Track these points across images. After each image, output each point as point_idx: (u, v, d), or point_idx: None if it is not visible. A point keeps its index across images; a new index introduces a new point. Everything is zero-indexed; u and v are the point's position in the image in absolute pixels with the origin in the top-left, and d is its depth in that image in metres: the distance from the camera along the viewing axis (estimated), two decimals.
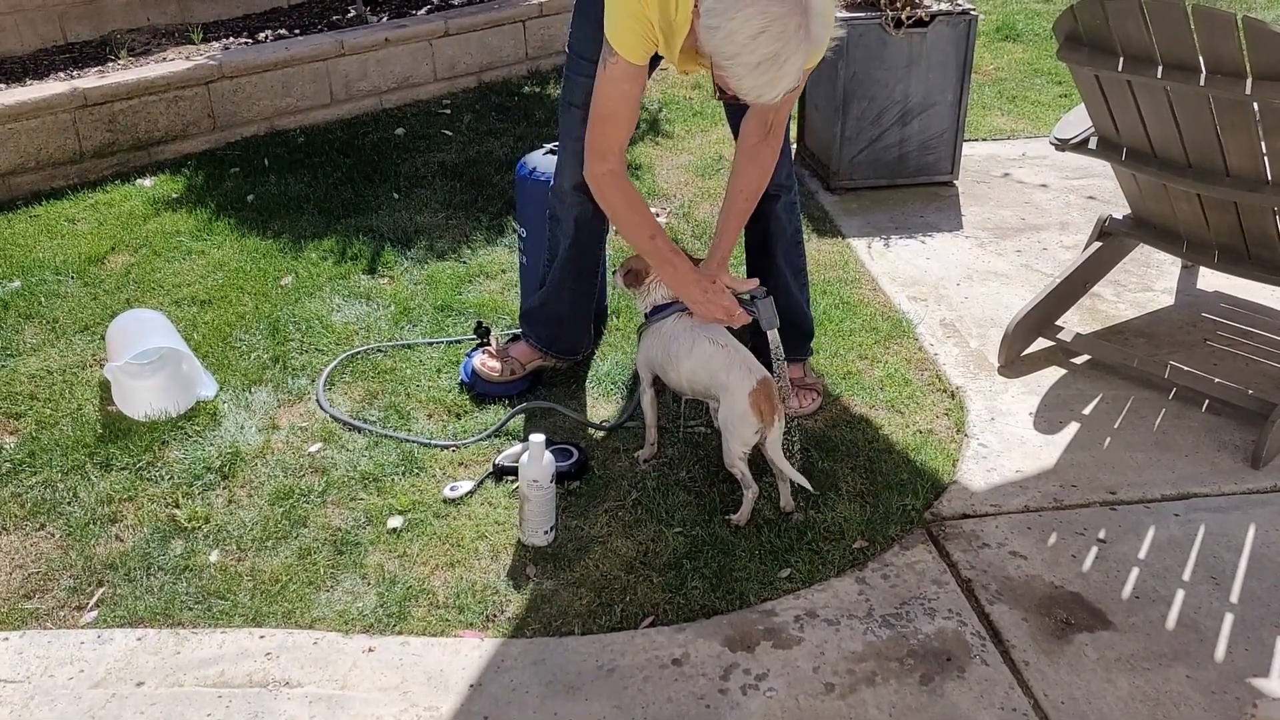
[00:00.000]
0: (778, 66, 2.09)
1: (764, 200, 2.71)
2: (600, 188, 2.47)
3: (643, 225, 2.50)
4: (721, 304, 2.49)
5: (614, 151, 2.42)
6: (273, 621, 2.26)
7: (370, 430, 2.80)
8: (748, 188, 2.58)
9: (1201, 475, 2.68)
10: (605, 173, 2.44)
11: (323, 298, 3.40)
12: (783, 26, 2.05)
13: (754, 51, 2.06)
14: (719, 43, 2.09)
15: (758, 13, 2.04)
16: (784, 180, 2.78)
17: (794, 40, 2.06)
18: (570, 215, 2.80)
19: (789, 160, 2.81)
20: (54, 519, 2.52)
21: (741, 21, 2.05)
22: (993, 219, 4.01)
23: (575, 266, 2.88)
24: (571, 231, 2.82)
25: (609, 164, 2.43)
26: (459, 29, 5.07)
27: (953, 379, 3.05)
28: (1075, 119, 3.09)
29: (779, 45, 2.06)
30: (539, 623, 2.26)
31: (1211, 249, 2.99)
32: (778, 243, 2.84)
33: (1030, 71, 5.49)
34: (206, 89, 4.47)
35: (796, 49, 2.07)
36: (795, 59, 2.09)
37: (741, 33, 2.06)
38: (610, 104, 2.38)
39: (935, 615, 2.27)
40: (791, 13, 2.05)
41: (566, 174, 2.75)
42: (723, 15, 2.06)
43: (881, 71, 4.01)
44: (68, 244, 3.73)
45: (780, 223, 2.83)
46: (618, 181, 2.45)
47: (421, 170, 4.31)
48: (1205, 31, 2.48)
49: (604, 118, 2.40)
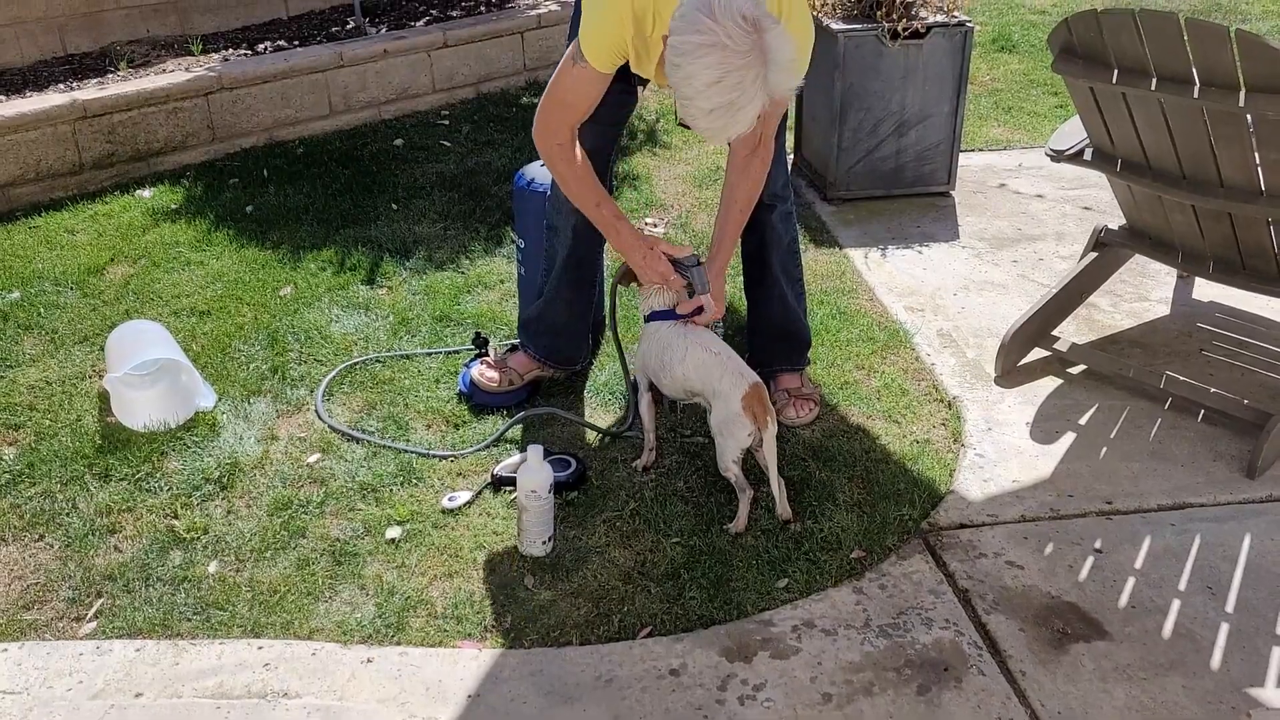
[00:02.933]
0: (731, 114, 2.11)
1: (759, 210, 2.72)
2: (550, 159, 2.53)
3: (588, 193, 2.56)
4: (657, 269, 2.57)
5: (569, 127, 2.48)
6: (271, 632, 2.26)
7: (369, 441, 2.81)
8: (741, 199, 2.61)
9: (1197, 485, 2.69)
10: (555, 146, 2.50)
11: (321, 308, 3.41)
12: (739, 78, 2.07)
13: (709, 98, 2.09)
14: (678, 81, 2.12)
15: (716, 62, 2.06)
16: (779, 190, 2.80)
17: (750, 90, 2.08)
18: (569, 225, 2.82)
19: (785, 171, 2.83)
20: (53, 530, 2.53)
21: (700, 67, 2.07)
22: (989, 229, 4.03)
23: (573, 276, 2.90)
24: (569, 241, 2.84)
25: (562, 136, 2.49)
26: (457, 40, 5.10)
27: (949, 389, 3.06)
28: (1070, 130, 3.11)
29: (735, 95, 2.08)
30: (537, 633, 2.26)
31: (1206, 259, 3.00)
32: (774, 252, 2.86)
33: (1026, 82, 5.51)
34: (206, 100, 4.48)
35: (752, 99, 2.10)
36: (751, 107, 2.11)
37: (699, 78, 2.08)
38: (572, 97, 2.45)
39: (932, 625, 2.28)
40: (750, 64, 2.06)
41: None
42: (684, 56, 2.08)
43: (878, 83, 4.02)
44: (67, 255, 3.74)
45: (776, 232, 2.84)
46: (566, 154, 2.50)
47: (420, 181, 4.32)
48: (1198, 44, 2.50)
49: (562, 105, 2.46)
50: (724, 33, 2.04)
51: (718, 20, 2.05)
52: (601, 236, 2.87)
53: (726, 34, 2.04)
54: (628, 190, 4.25)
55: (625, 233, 2.57)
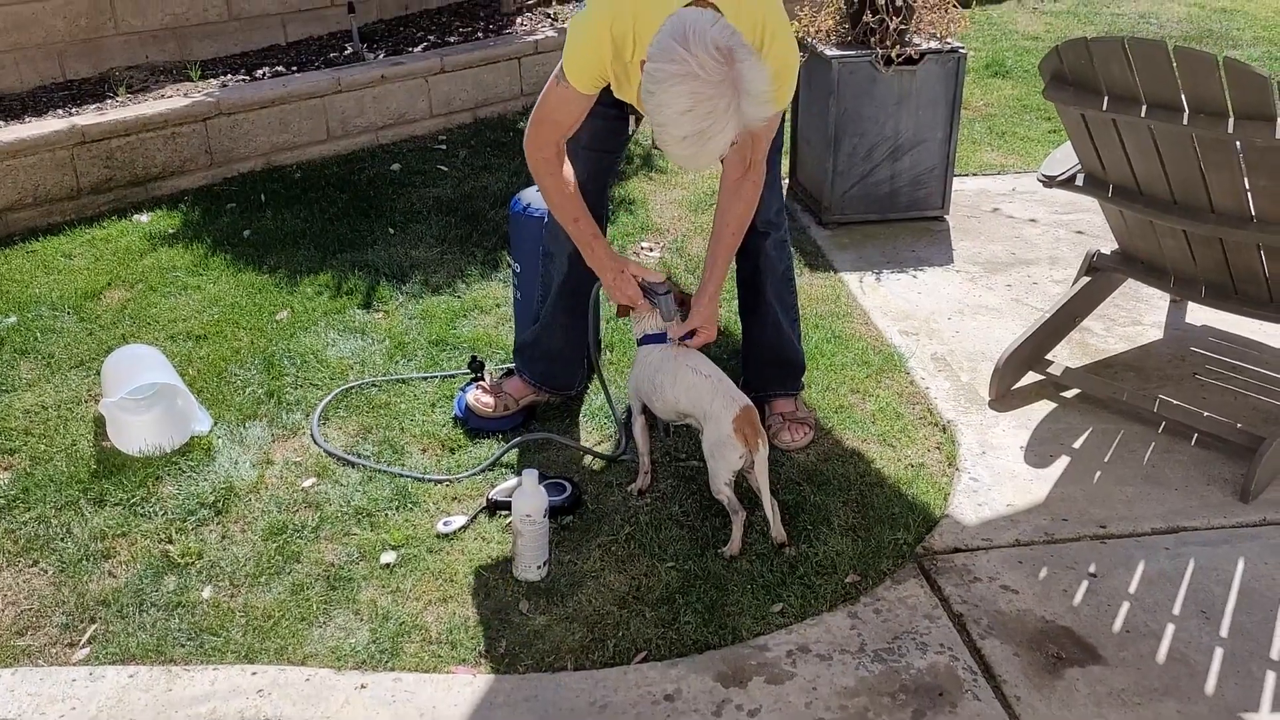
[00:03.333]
0: (702, 143, 2.14)
1: (754, 238, 2.74)
2: (536, 171, 2.57)
3: (568, 208, 2.59)
4: (625, 291, 2.60)
5: (554, 142, 2.52)
6: (265, 658, 2.26)
7: (364, 465, 2.81)
8: (733, 222, 2.62)
9: (1191, 509, 2.69)
10: (541, 159, 2.54)
11: (318, 332, 3.42)
12: (710, 107, 2.09)
13: (680, 126, 2.12)
14: (651, 108, 2.15)
15: (688, 91, 2.08)
16: (773, 218, 2.82)
17: (721, 119, 2.10)
18: (564, 251, 2.83)
19: (779, 198, 2.85)
20: (47, 555, 2.53)
21: (672, 96, 2.09)
22: (983, 254, 4.05)
23: (568, 303, 2.91)
24: (565, 268, 2.85)
25: (547, 150, 2.53)
26: (454, 66, 5.13)
27: (944, 413, 3.07)
28: (1062, 156, 3.13)
29: (706, 124, 2.10)
30: (531, 659, 2.26)
31: (1198, 284, 3.02)
32: (768, 280, 2.88)
33: (1020, 107, 5.55)
34: (204, 125, 4.51)
35: (724, 128, 2.12)
36: (722, 136, 2.14)
37: (671, 106, 2.10)
38: (557, 114, 2.49)
39: (927, 650, 2.28)
40: (722, 94, 2.08)
41: None
42: (658, 84, 2.11)
43: (872, 108, 4.05)
44: (64, 280, 3.75)
45: (770, 260, 2.86)
46: (551, 167, 2.54)
47: (417, 205, 4.34)
48: (1187, 72, 2.52)
49: (548, 121, 2.51)
50: (697, 63, 2.06)
51: (691, 50, 2.07)
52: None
53: (699, 64, 2.06)
54: (623, 214, 4.27)
55: (599, 251, 2.60)
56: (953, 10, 4.07)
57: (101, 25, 5.00)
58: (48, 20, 4.86)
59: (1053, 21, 7.13)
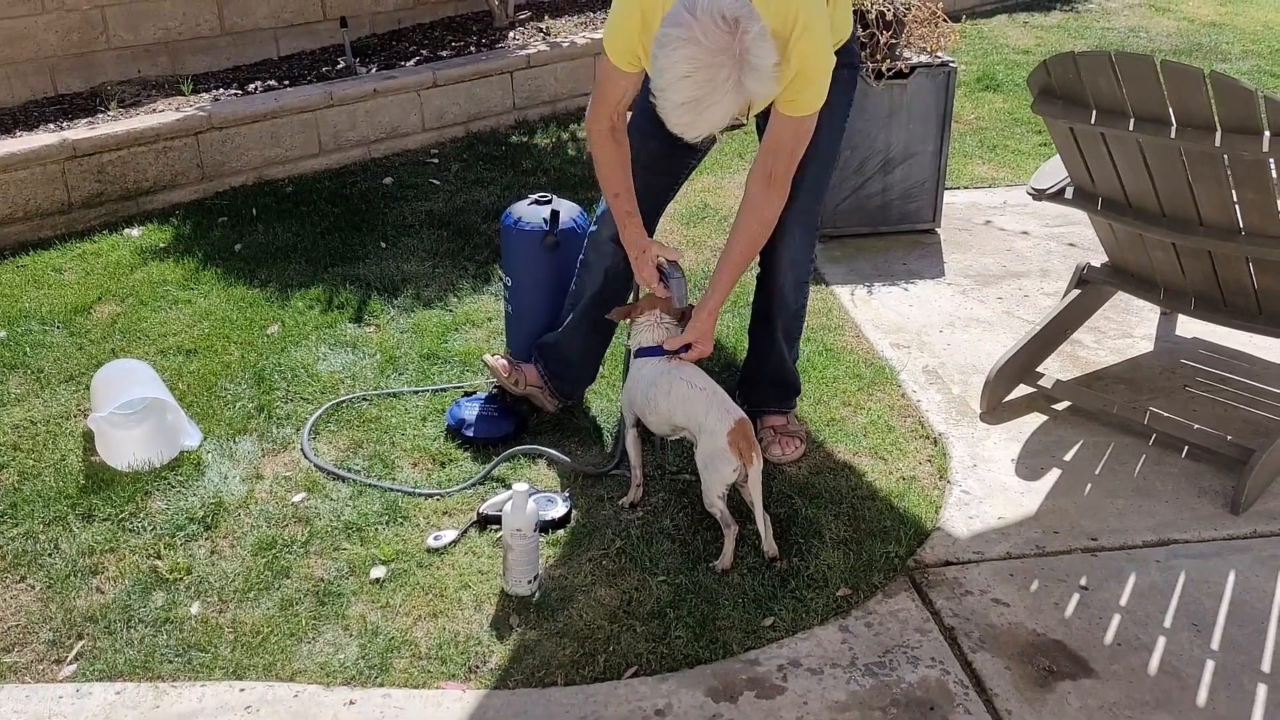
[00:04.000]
0: (699, 111, 2.16)
1: (778, 269, 2.77)
2: (590, 139, 2.65)
3: (611, 181, 2.65)
4: (642, 273, 2.65)
5: (606, 116, 2.58)
6: (253, 674, 2.25)
7: (354, 479, 2.81)
8: (744, 241, 2.61)
9: (1182, 521, 2.69)
10: (598, 130, 2.61)
11: (309, 346, 3.41)
12: (710, 75, 2.11)
13: (679, 92, 2.15)
14: (654, 72, 2.18)
15: (688, 56, 2.11)
16: (801, 258, 2.80)
17: (720, 90, 2.12)
18: (602, 265, 2.84)
19: (812, 239, 2.82)
20: (34, 571, 2.51)
21: (672, 60, 2.13)
22: (975, 266, 4.06)
23: (594, 316, 2.90)
24: (599, 282, 2.86)
25: (601, 124, 2.60)
26: (447, 80, 5.14)
27: (935, 425, 3.07)
28: (1051, 169, 3.14)
29: (703, 92, 2.12)
30: (522, 674, 2.25)
31: (1188, 296, 3.03)
32: (779, 315, 2.88)
33: (1010, 121, 5.57)
34: (195, 139, 4.51)
35: (721, 98, 2.14)
36: (719, 106, 2.15)
37: (670, 71, 2.13)
38: (604, 87, 2.58)
39: (918, 664, 2.27)
40: (722, 64, 2.10)
41: (607, 223, 2.79)
42: (662, 48, 2.14)
43: (863, 122, 4.07)
44: (54, 294, 3.74)
45: (786, 300, 2.85)
46: (602, 139, 2.61)
47: (409, 219, 4.34)
48: (1174, 86, 2.54)
49: (598, 94, 2.60)
50: (700, 29, 2.09)
51: (697, 16, 2.10)
52: (626, 286, 2.88)
53: (702, 30, 2.09)
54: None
55: (630, 229, 2.65)
56: (943, 24, 4.09)
57: (93, 39, 5.01)
58: (39, 34, 4.86)
59: (1043, 35, 7.16)
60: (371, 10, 5.81)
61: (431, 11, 6.08)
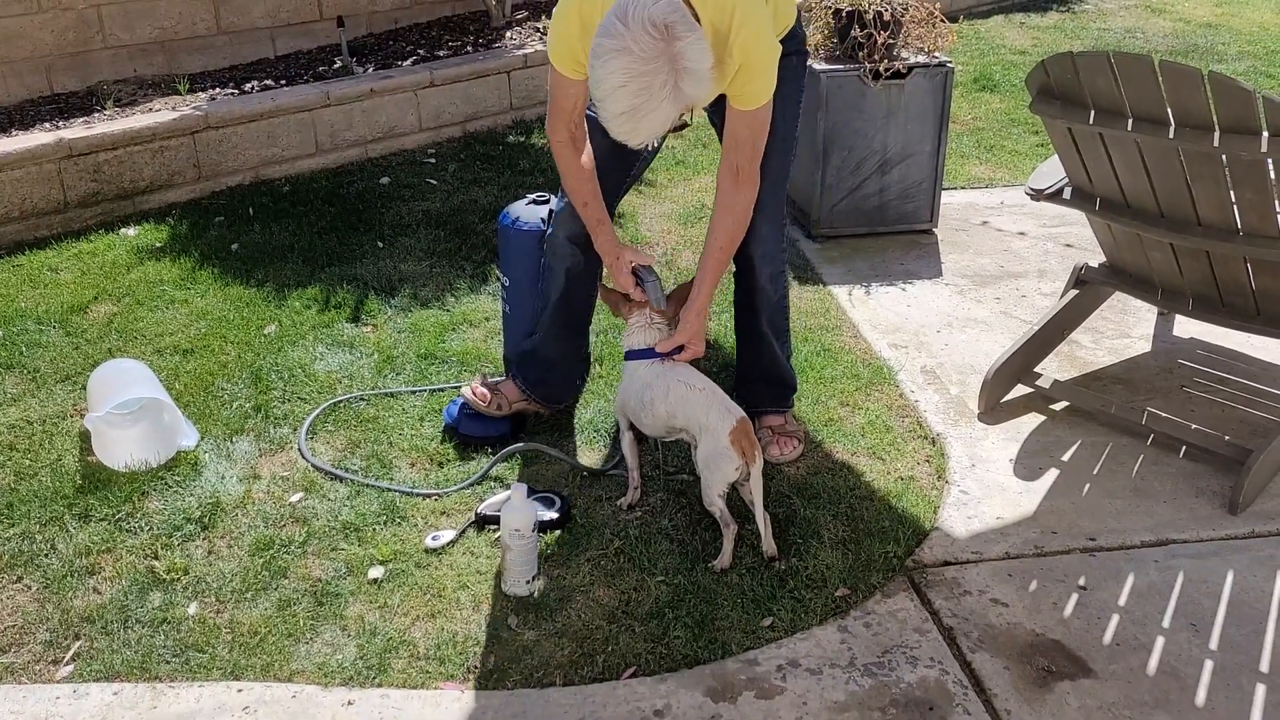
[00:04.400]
0: (637, 119, 2.16)
1: (752, 266, 2.76)
2: (554, 149, 2.63)
3: (578, 191, 2.65)
4: (618, 280, 2.65)
5: (563, 125, 2.56)
6: (251, 674, 2.24)
7: (352, 480, 2.80)
8: (722, 237, 2.60)
9: (1180, 521, 2.69)
10: (558, 140, 2.59)
11: (306, 346, 3.40)
12: (645, 84, 2.10)
13: (616, 101, 2.14)
14: (591, 83, 2.19)
15: (622, 66, 2.10)
16: (773, 250, 2.80)
17: (657, 97, 2.12)
18: (562, 266, 2.83)
19: (781, 229, 2.82)
20: (31, 571, 2.50)
21: (607, 71, 2.12)
22: (972, 266, 4.06)
23: (563, 317, 2.91)
24: (562, 283, 2.85)
25: (560, 134, 2.58)
26: (444, 80, 5.13)
27: (933, 426, 3.07)
28: (1049, 169, 3.14)
29: (640, 100, 2.12)
30: (520, 674, 2.24)
31: (1186, 296, 3.03)
32: (762, 309, 2.87)
33: (1007, 121, 5.57)
34: (192, 139, 4.50)
35: (659, 105, 2.13)
36: (658, 113, 2.15)
37: (606, 82, 2.13)
38: (556, 96, 2.55)
39: (917, 664, 2.27)
40: (657, 70, 2.09)
41: (562, 224, 2.80)
42: (597, 58, 2.13)
43: (861, 122, 4.07)
44: (50, 293, 3.73)
45: (765, 293, 2.85)
46: (564, 150, 2.60)
47: (406, 219, 4.34)
48: (1173, 86, 2.54)
49: (551, 104, 2.58)
50: (632, 38, 2.08)
51: (628, 26, 2.09)
52: (594, 282, 2.89)
53: (634, 39, 2.08)
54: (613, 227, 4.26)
55: (602, 237, 2.65)
56: (940, 25, 4.09)
57: (89, 39, 4.99)
58: (35, 34, 4.85)
59: (1040, 36, 7.17)
60: (368, 10, 5.80)
61: (429, 11, 6.07)
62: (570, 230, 2.77)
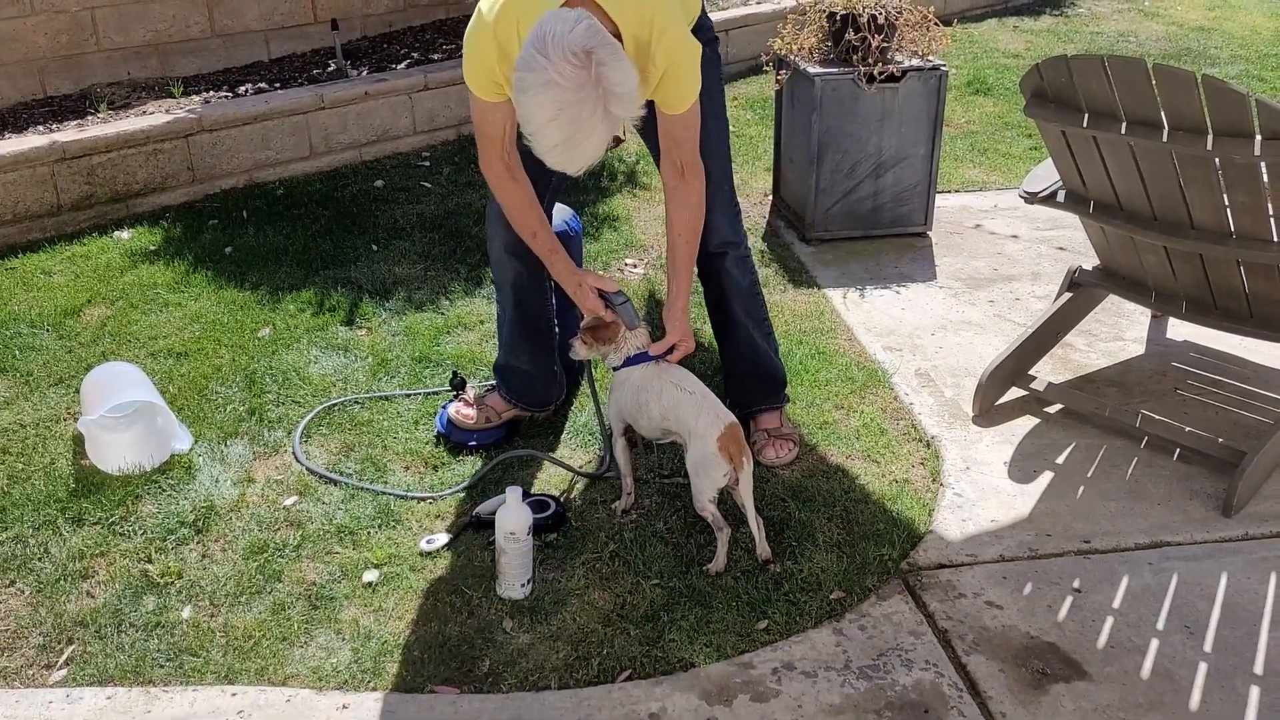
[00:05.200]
0: (572, 148, 2.13)
1: (712, 259, 2.75)
2: (490, 183, 2.57)
3: (524, 223, 2.60)
4: (586, 303, 2.58)
5: (497, 157, 2.51)
6: (245, 679, 2.23)
7: (346, 483, 2.79)
8: (683, 230, 2.59)
9: (1174, 524, 2.70)
10: (494, 174, 2.54)
11: (300, 349, 3.40)
12: (576, 113, 2.07)
13: (549, 135, 2.11)
14: (520, 118, 2.14)
15: (550, 99, 2.06)
16: (730, 237, 2.81)
17: (589, 123, 2.09)
18: (508, 282, 2.83)
19: (735, 216, 2.83)
20: (24, 575, 2.50)
21: (536, 105, 2.08)
22: (966, 269, 4.07)
23: (524, 327, 2.90)
24: (512, 296, 2.86)
25: (496, 167, 2.53)
26: (438, 83, 5.13)
27: (928, 428, 3.07)
28: (1043, 173, 3.15)
29: (573, 130, 2.09)
30: (515, 677, 2.24)
31: (1179, 299, 3.04)
32: (734, 299, 2.87)
33: (1001, 125, 5.59)
34: (186, 142, 4.49)
35: (592, 131, 2.11)
36: (593, 139, 2.13)
37: (536, 116, 2.09)
38: (482, 126, 2.50)
39: (912, 666, 2.27)
40: (585, 99, 2.06)
41: (495, 235, 2.79)
42: (522, 94, 2.09)
43: (855, 125, 4.07)
44: (43, 296, 3.72)
45: (733, 278, 2.85)
46: (500, 183, 2.55)
47: (400, 222, 4.33)
48: (1166, 89, 2.54)
49: (479, 135, 2.52)
50: (555, 70, 2.04)
51: (550, 58, 2.05)
52: (542, 289, 2.87)
53: (557, 71, 2.04)
54: (607, 231, 4.27)
55: (558, 265, 2.60)
56: (934, 28, 4.10)
57: (83, 41, 4.99)
58: (29, 36, 4.84)
59: (1033, 39, 7.19)
60: (363, 13, 5.80)
61: (423, 14, 6.06)
62: (505, 239, 2.73)
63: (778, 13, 5.93)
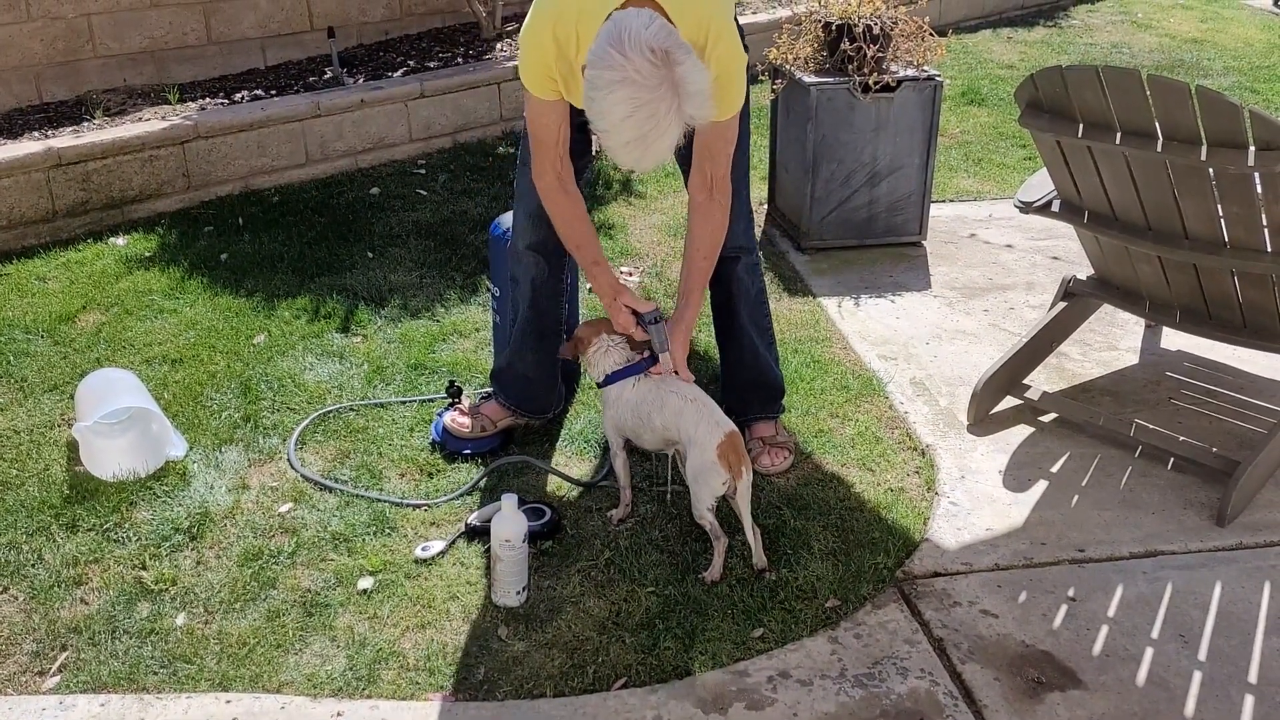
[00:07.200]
0: (645, 146, 2.14)
1: (724, 262, 2.75)
2: (542, 194, 2.58)
3: (571, 236, 2.61)
4: (618, 319, 2.59)
5: (550, 166, 2.52)
6: (239, 685, 2.23)
7: (341, 490, 2.79)
8: (704, 247, 2.61)
9: (1168, 533, 2.70)
10: (546, 184, 2.55)
11: (295, 356, 3.39)
12: (652, 110, 2.08)
13: (623, 132, 2.12)
14: (594, 114, 2.15)
15: (627, 96, 2.08)
16: (744, 242, 2.82)
17: (664, 121, 2.10)
18: (527, 277, 2.83)
19: (749, 222, 2.84)
20: (17, 582, 2.49)
21: (612, 103, 2.09)
22: (961, 279, 4.08)
23: (535, 328, 2.90)
24: (529, 293, 2.85)
25: (548, 177, 2.54)
26: (434, 91, 5.14)
27: (923, 437, 3.07)
28: (1038, 182, 3.16)
29: (648, 128, 2.10)
30: (510, 685, 2.24)
31: (1173, 309, 3.05)
32: (741, 304, 2.88)
33: (995, 135, 5.61)
34: (181, 149, 4.49)
35: (666, 130, 2.12)
36: (666, 138, 2.13)
37: (612, 113, 2.10)
38: (537, 130, 2.50)
39: (908, 675, 2.27)
40: (661, 97, 2.08)
41: (521, 234, 2.79)
42: (598, 91, 2.10)
43: (850, 135, 4.09)
44: (38, 303, 3.72)
45: (742, 284, 2.86)
46: (552, 194, 2.56)
47: (396, 229, 4.33)
48: (1160, 100, 2.56)
49: (535, 141, 2.53)
50: (633, 68, 2.06)
51: (627, 55, 2.06)
52: (561, 288, 2.88)
53: (636, 69, 2.06)
54: (603, 239, 4.27)
55: (599, 278, 2.59)
56: (929, 39, 4.11)
57: (79, 48, 4.99)
58: (25, 43, 4.84)
59: (1027, 50, 7.22)
60: (359, 21, 5.81)
61: (419, 23, 6.08)
62: (530, 239, 2.76)
63: (773, 22, 5.95)
